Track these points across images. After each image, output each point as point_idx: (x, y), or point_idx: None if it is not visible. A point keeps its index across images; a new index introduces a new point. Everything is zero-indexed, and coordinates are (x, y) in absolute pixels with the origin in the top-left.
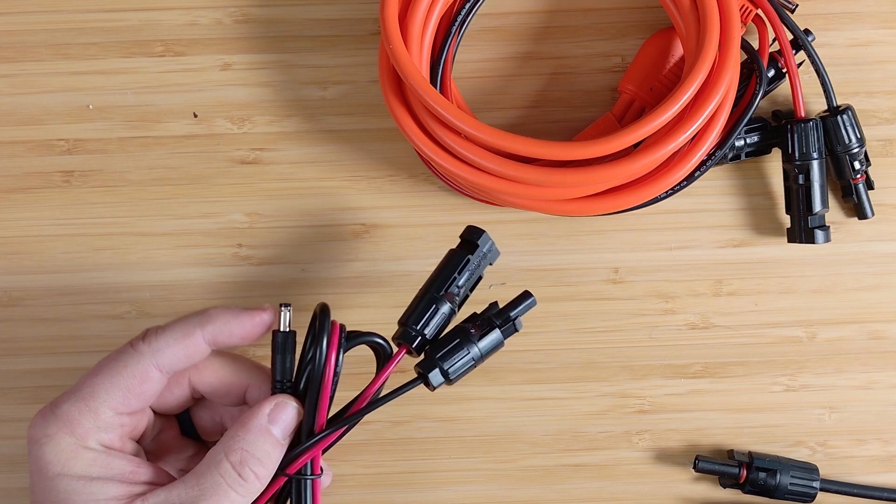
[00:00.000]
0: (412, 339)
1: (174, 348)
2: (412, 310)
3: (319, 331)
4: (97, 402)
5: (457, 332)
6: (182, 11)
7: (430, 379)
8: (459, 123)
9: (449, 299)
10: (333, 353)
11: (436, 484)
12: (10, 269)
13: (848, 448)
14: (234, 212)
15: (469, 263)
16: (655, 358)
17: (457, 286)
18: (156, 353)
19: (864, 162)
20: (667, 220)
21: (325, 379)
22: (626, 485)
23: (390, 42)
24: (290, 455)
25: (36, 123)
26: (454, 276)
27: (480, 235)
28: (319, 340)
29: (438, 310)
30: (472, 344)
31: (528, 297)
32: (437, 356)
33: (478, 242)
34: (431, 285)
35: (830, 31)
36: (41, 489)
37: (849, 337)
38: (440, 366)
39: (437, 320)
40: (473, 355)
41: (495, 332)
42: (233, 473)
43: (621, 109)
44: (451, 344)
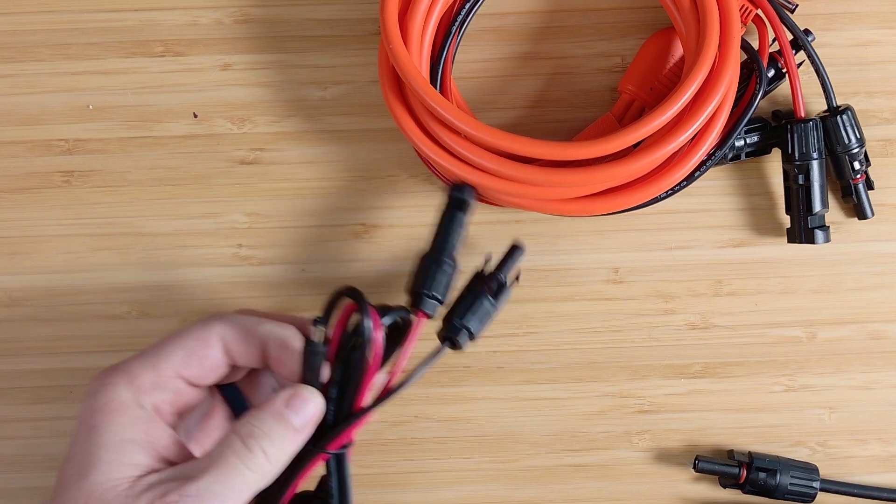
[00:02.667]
0: (430, 305)
1: (237, 332)
2: (422, 276)
3: (362, 314)
4: (159, 360)
5: (470, 293)
6: (182, 11)
7: (458, 342)
8: (459, 123)
9: (451, 259)
10: (378, 332)
11: (436, 484)
12: (10, 269)
13: (848, 448)
14: (234, 212)
15: (461, 220)
16: (655, 358)
17: (455, 246)
18: (223, 324)
19: (864, 162)
20: (667, 220)
21: (373, 361)
22: (626, 485)
23: (390, 42)
24: (332, 434)
25: (36, 123)
26: (452, 237)
27: (472, 193)
28: (363, 322)
29: (447, 271)
30: (485, 299)
31: (517, 249)
32: (462, 319)
33: (468, 200)
34: (434, 248)
35: (830, 31)
36: (77, 438)
37: (849, 337)
38: (467, 328)
39: (447, 282)
40: (490, 312)
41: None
42: (239, 444)
43: (621, 109)
44: (467, 305)
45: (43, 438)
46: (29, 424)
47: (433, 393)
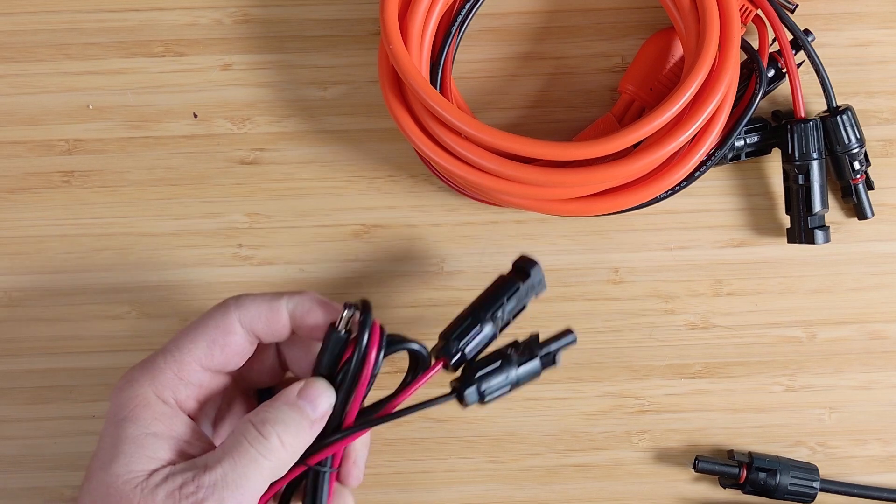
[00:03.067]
0: (452, 354)
1: (260, 308)
2: (456, 326)
3: (361, 328)
4: (182, 353)
5: (498, 355)
6: (182, 11)
7: (465, 396)
8: (459, 123)
9: (494, 322)
10: (373, 351)
11: (436, 484)
12: (10, 269)
13: (848, 448)
14: (234, 212)
15: (518, 291)
16: (655, 358)
17: (503, 311)
18: (240, 309)
19: (864, 162)
20: (667, 220)
21: (362, 376)
22: (626, 485)
23: (390, 42)
24: (315, 447)
25: (36, 123)
26: (502, 301)
27: (534, 266)
28: (360, 337)
29: (482, 331)
30: (511, 368)
31: (569, 335)
32: (477, 375)
33: (530, 272)
34: (479, 305)
35: (830, 32)
36: (103, 433)
37: (849, 337)
38: (478, 385)
39: (479, 341)
40: (511, 380)
41: (535, 361)
42: (253, 432)
43: (621, 109)
44: (491, 365)
45: (43, 438)
46: (29, 424)
47: (433, 393)
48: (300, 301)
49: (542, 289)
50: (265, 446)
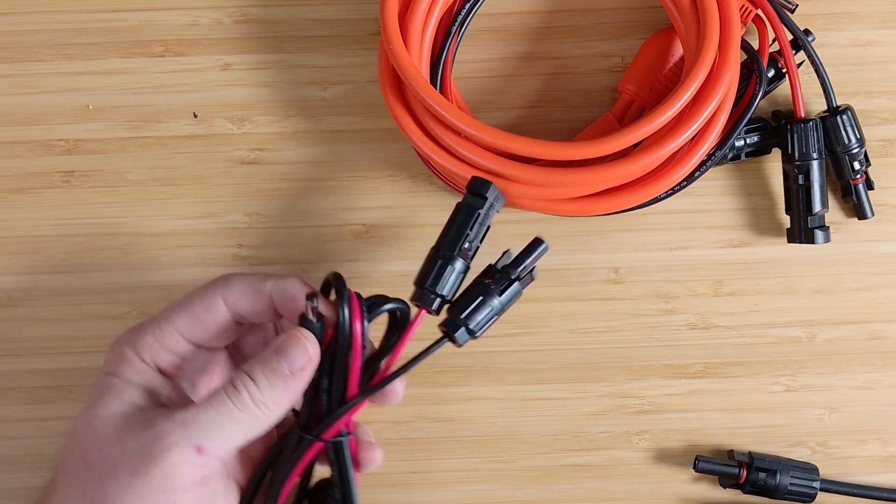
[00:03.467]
0: (431, 300)
1: (244, 288)
2: (428, 270)
3: (339, 301)
4: (165, 322)
5: (477, 288)
6: (182, 11)
7: (456, 338)
8: (459, 123)
9: (462, 256)
10: (357, 323)
11: (436, 484)
12: (10, 269)
13: (848, 448)
14: (234, 212)
15: (478, 217)
16: (655, 358)
17: (468, 241)
18: (226, 287)
19: (864, 162)
20: (667, 220)
21: (353, 350)
22: (626, 485)
23: (390, 42)
24: (325, 422)
25: (36, 123)
26: (466, 233)
27: (488, 186)
28: (341, 311)
29: (454, 269)
30: (492, 298)
31: (540, 244)
32: (462, 315)
33: (486, 194)
34: (443, 243)
35: (830, 32)
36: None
37: (849, 337)
38: (465, 324)
39: (454, 279)
40: (495, 309)
41: (514, 284)
42: (229, 386)
43: (621, 109)
44: (473, 301)
45: (43, 438)
46: (29, 424)
47: (433, 393)
48: (285, 285)
49: (502, 203)
50: (238, 399)
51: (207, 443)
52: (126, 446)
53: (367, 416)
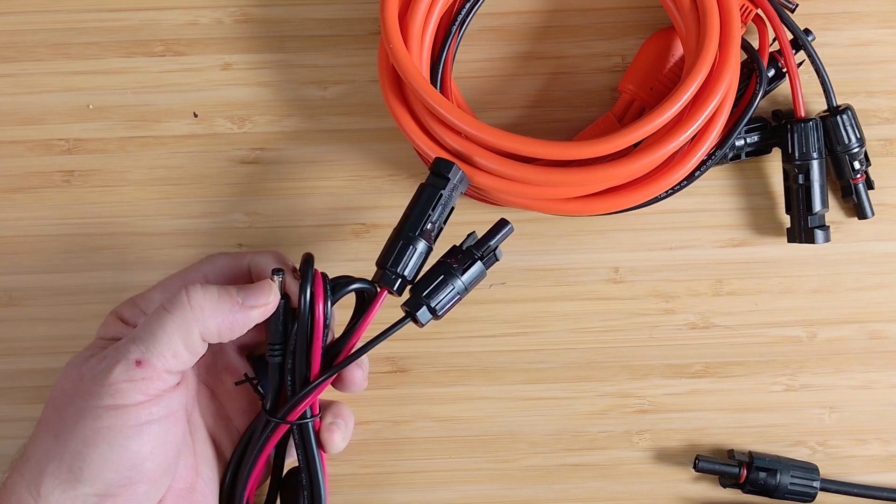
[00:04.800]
0: (392, 281)
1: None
2: (390, 251)
3: (302, 281)
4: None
5: (439, 268)
6: (182, 11)
7: (418, 317)
8: (459, 123)
9: (425, 236)
10: (319, 302)
11: (436, 484)
12: (10, 269)
13: (848, 448)
14: (234, 212)
15: (441, 198)
16: (655, 358)
17: (431, 222)
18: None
19: (864, 162)
20: (667, 219)
21: (314, 331)
22: (626, 484)
23: (390, 42)
24: (289, 405)
25: (36, 123)
26: (428, 214)
27: (450, 168)
28: (303, 291)
29: (416, 249)
30: (455, 278)
31: (506, 225)
32: (423, 294)
33: (448, 175)
34: (405, 224)
35: (830, 31)
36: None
37: (849, 337)
38: (427, 303)
39: (416, 259)
40: (458, 289)
41: (476, 263)
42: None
43: (621, 109)
44: (434, 281)
45: None
46: (29, 424)
47: (433, 393)
48: (259, 259)
49: (466, 184)
50: (172, 302)
51: (145, 354)
52: (83, 377)
53: (368, 416)
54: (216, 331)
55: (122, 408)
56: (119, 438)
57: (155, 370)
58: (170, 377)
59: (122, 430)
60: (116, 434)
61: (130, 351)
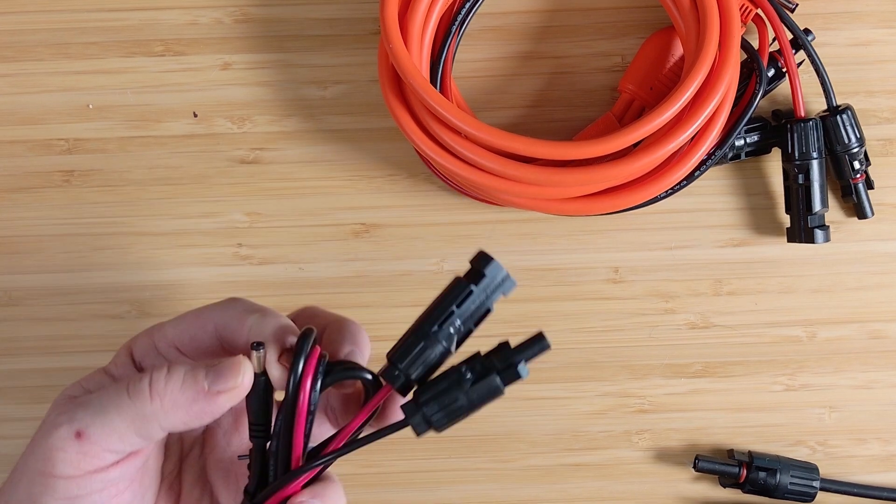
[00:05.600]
0: (395, 378)
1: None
2: (400, 345)
3: (296, 355)
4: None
5: (447, 376)
6: (182, 11)
7: (413, 427)
8: (459, 123)
9: (444, 338)
10: (308, 380)
11: (436, 484)
12: (10, 269)
13: (848, 447)
14: (234, 212)
15: (471, 296)
16: (655, 357)
17: (453, 322)
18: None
19: (864, 161)
20: (667, 219)
21: (298, 410)
22: (626, 484)
23: (390, 42)
24: (265, 493)
25: (36, 123)
26: (452, 310)
27: (488, 263)
28: (294, 366)
29: (428, 349)
30: (460, 391)
31: (541, 340)
32: (422, 400)
33: (485, 271)
34: (427, 319)
35: (830, 31)
36: None
37: (849, 336)
38: (423, 412)
39: (427, 361)
40: (462, 403)
41: (492, 377)
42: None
43: (621, 109)
44: (438, 388)
45: None
46: (29, 424)
47: None
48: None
49: (511, 286)
50: (136, 386)
51: (90, 428)
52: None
53: None
54: (181, 422)
55: (53, 477)
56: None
57: (94, 447)
58: (110, 456)
59: (53, 500)
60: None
61: (77, 418)
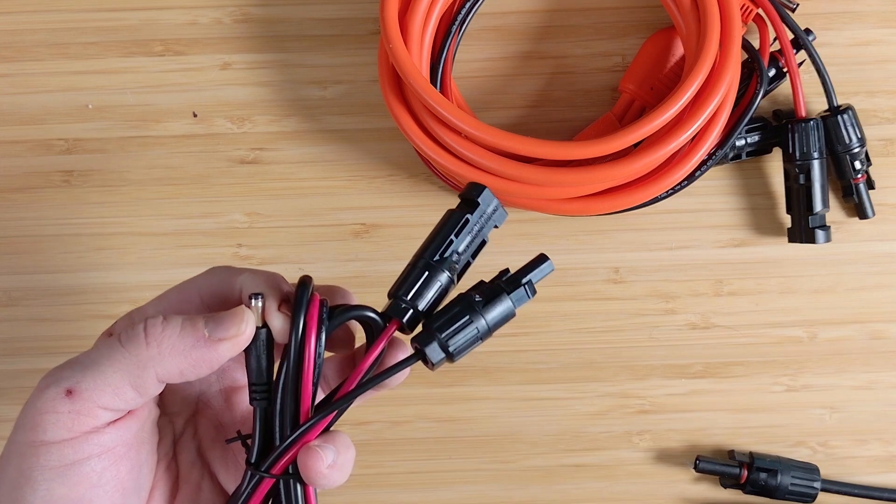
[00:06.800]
0: (402, 311)
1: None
2: (403, 279)
3: (296, 307)
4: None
5: (458, 301)
6: (182, 11)
7: (427, 354)
8: (459, 123)
9: (447, 267)
10: (313, 326)
11: (436, 484)
12: (10, 268)
13: (849, 448)
14: (234, 212)
15: (469, 224)
16: (656, 358)
17: (455, 252)
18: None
19: (865, 162)
20: (667, 219)
21: (305, 358)
22: (626, 485)
23: (390, 42)
24: (275, 455)
25: (36, 123)
26: (451, 240)
27: (481, 192)
28: (296, 318)
29: (433, 278)
30: (475, 313)
31: (544, 261)
32: (435, 326)
33: (478, 200)
34: (425, 250)
35: (831, 31)
36: None
37: (849, 337)
38: (438, 338)
39: (433, 291)
40: (479, 326)
41: (504, 298)
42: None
43: (622, 109)
44: (450, 313)
45: None
46: None
47: (433, 393)
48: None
49: (502, 217)
50: (129, 334)
51: (79, 383)
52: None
53: (368, 416)
54: (178, 371)
55: (44, 444)
56: (42, 481)
57: (86, 404)
58: (105, 414)
59: (45, 470)
60: (39, 475)
61: (63, 377)
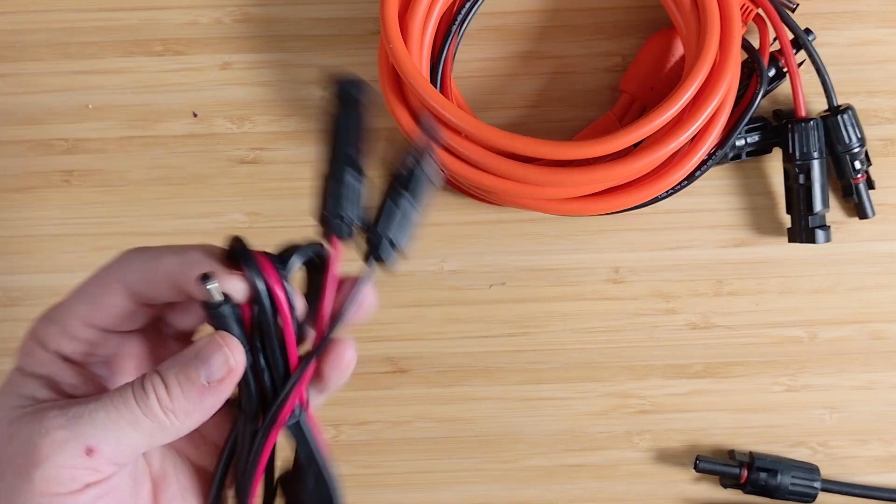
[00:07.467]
0: (337, 227)
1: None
2: (323, 198)
3: (244, 258)
4: (65, 306)
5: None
6: (182, 11)
7: (382, 256)
8: (460, 123)
9: (350, 164)
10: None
11: (436, 484)
12: (10, 269)
13: (849, 448)
14: (234, 212)
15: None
16: (656, 358)
17: (349, 148)
18: (123, 267)
19: (865, 162)
20: (667, 219)
21: (279, 307)
22: (626, 485)
23: (390, 41)
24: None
25: (36, 123)
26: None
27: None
28: (250, 266)
29: (345, 181)
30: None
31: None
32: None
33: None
34: (329, 163)
35: (831, 31)
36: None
37: (850, 337)
38: (384, 238)
39: (350, 192)
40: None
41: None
42: (138, 387)
43: (622, 109)
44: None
45: None
46: None
47: (433, 393)
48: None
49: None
50: (146, 404)
51: (101, 444)
52: (15, 442)
53: (368, 416)
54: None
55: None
56: None
57: (108, 462)
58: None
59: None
60: None
61: (85, 434)
